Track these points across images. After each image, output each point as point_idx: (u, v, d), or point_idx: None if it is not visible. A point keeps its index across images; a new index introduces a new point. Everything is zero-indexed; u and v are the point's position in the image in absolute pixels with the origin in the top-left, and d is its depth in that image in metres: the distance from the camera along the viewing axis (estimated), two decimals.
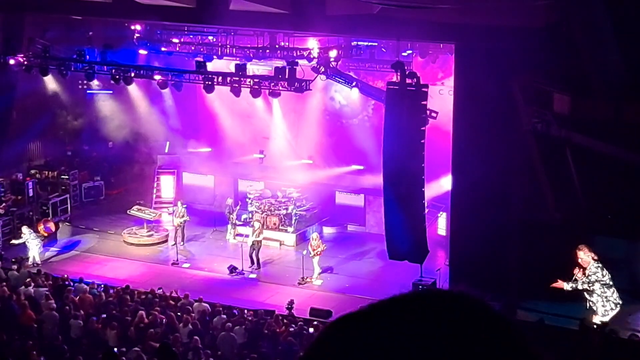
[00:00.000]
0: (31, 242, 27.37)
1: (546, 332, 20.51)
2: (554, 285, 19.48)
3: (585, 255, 19.38)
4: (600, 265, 19.34)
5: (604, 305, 19.55)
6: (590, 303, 19.49)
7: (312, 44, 28.10)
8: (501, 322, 1.85)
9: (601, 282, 19.42)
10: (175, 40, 31.06)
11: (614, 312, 19.67)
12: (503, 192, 21.98)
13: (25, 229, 27.75)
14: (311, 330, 21.38)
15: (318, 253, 25.85)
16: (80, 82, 32.61)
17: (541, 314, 21.48)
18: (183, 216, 28.84)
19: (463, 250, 22.95)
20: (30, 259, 27.17)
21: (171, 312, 21.92)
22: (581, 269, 19.39)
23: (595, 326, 19.37)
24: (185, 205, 29.54)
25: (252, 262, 26.86)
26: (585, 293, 19.47)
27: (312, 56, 27.67)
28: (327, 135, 32.66)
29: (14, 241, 28.05)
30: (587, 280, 19.27)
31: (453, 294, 1.90)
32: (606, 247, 20.68)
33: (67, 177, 32.87)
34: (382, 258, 26.72)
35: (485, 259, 21.95)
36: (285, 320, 21.99)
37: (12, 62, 28.04)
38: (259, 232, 27.10)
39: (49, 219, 29.73)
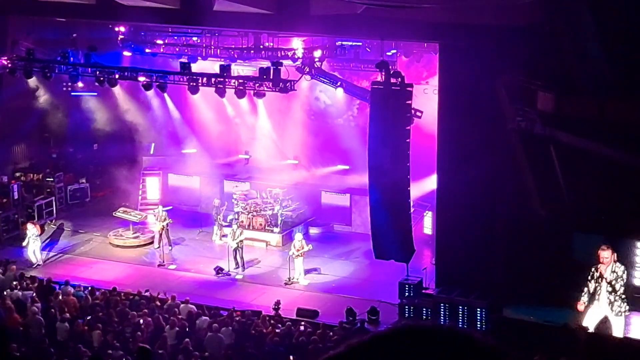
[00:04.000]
0: (34, 240, 27.33)
1: (536, 330, 20.63)
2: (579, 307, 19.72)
3: (609, 255, 19.53)
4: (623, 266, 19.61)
5: (620, 306, 19.69)
6: (609, 300, 19.61)
7: (297, 44, 28.12)
8: (492, 354, 1.86)
9: (623, 282, 19.68)
10: (159, 41, 30.99)
11: (626, 314, 19.84)
12: (488, 191, 22.05)
13: (30, 226, 27.72)
14: (301, 329, 21.44)
15: (301, 254, 25.84)
16: (64, 84, 32.52)
17: (528, 312, 21.60)
18: (165, 219, 28.74)
19: (449, 249, 23.01)
20: (34, 259, 27.17)
21: (158, 314, 21.91)
22: (600, 269, 19.55)
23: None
24: (166, 209, 29.48)
25: (237, 265, 26.84)
26: (607, 290, 19.58)
27: (296, 56, 27.69)
28: (312, 135, 32.64)
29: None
30: (619, 277, 19.47)
31: (443, 331, 1.90)
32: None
33: (52, 179, 32.76)
34: (368, 257, 26.75)
35: (472, 258, 22.03)
36: (272, 321, 22.00)
37: None
38: (239, 234, 27.04)
39: (35, 221, 29.64)
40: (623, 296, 19.61)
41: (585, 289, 19.71)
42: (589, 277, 19.74)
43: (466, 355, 1.84)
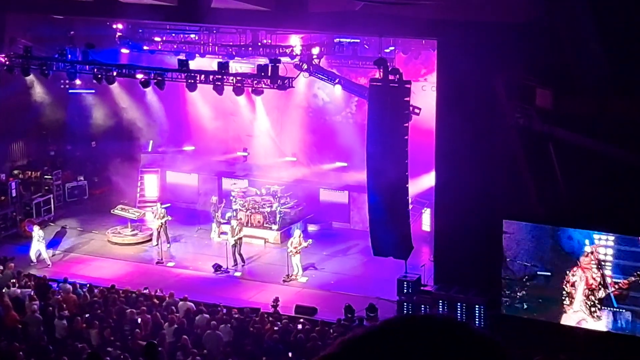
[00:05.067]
0: (40, 242, 27.29)
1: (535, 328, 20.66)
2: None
3: (590, 260, 19.61)
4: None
5: (599, 309, 19.80)
6: (587, 303, 19.70)
7: (295, 41, 28.10)
8: (486, 344, 1.86)
9: (603, 286, 19.78)
10: (157, 38, 30.93)
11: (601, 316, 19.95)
12: (486, 188, 22.02)
13: (36, 228, 27.69)
14: (299, 326, 21.44)
15: (298, 251, 25.83)
16: (62, 81, 32.46)
17: (525, 309, 21.60)
18: (163, 217, 28.71)
19: (447, 246, 22.99)
20: (34, 258, 27.12)
21: (156, 311, 21.90)
22: (579, 274, 19.63)
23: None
24: (165, 206, 29.46)
25: (236, 262, 26.82)
26: (587, 294, 19.68)
27: (294, 53, 27.68)
28: (310, 132, 32.64)
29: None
30: (600, 281, 19.61)
31: (438, 320, 1.90)
32: None
33: (50, 177, 32.73)
34: (366, 254, 26.73)
35: (470, 255, 22.01)
36: (270, 318, 22.00)
37: None
38: (239, 231, 27.05)
39: (32, 219, 29.63)
40: (601, 299, 19.75)
41: (564, 292, 19.84)
42: (565, 281, 19.86)
43: (462, 345, 1.84)
